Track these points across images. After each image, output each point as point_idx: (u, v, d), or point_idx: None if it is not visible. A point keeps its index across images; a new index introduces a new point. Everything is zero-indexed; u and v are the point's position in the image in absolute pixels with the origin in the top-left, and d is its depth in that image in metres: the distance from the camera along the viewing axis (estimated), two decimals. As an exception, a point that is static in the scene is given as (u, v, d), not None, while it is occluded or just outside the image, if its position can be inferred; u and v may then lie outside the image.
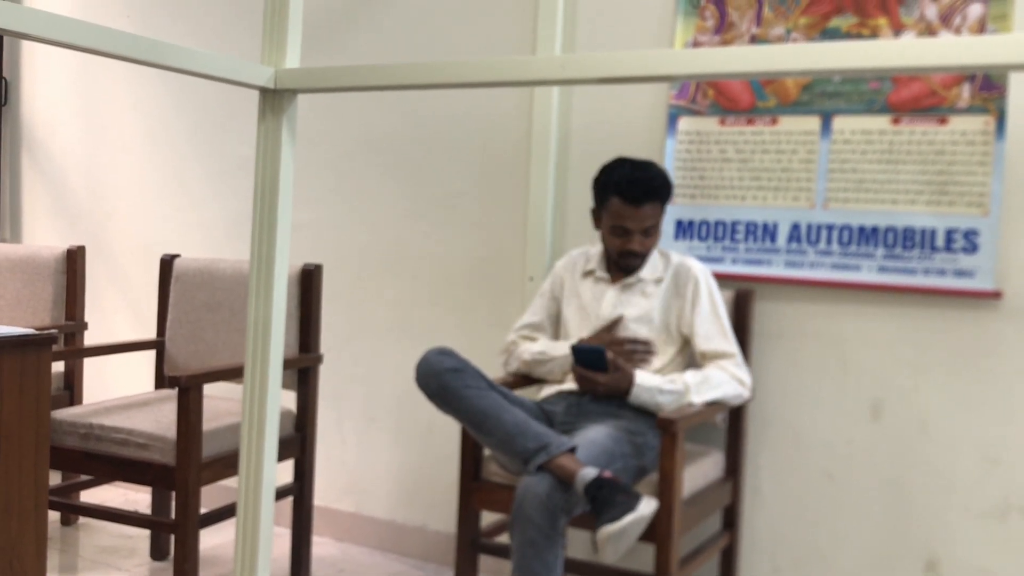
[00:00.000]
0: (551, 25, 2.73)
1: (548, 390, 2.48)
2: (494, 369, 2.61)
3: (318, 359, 2.70)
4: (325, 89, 1.15)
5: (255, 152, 1.20)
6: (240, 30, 3.31)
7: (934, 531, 2.37)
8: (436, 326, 2.99)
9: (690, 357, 2.41)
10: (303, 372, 2.68)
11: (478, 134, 2.92)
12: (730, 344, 2.34)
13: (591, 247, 2.53)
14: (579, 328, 2.44)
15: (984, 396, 2.31)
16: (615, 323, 2.38)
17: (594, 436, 2.15)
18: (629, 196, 2.33)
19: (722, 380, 2.28)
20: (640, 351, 2.35)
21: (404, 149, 3.05)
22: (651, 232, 2.38)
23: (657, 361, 2.37)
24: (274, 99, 1.18)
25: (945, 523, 2.36)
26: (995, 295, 2.27)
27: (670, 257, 2.44)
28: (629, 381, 2.26)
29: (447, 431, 2.94)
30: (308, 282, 2.68)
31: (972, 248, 2.28)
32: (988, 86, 2.25)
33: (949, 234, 2.31)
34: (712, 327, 2.34)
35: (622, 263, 2.41)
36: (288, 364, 2.61)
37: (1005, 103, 2.24)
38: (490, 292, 2.91)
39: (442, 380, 2.19)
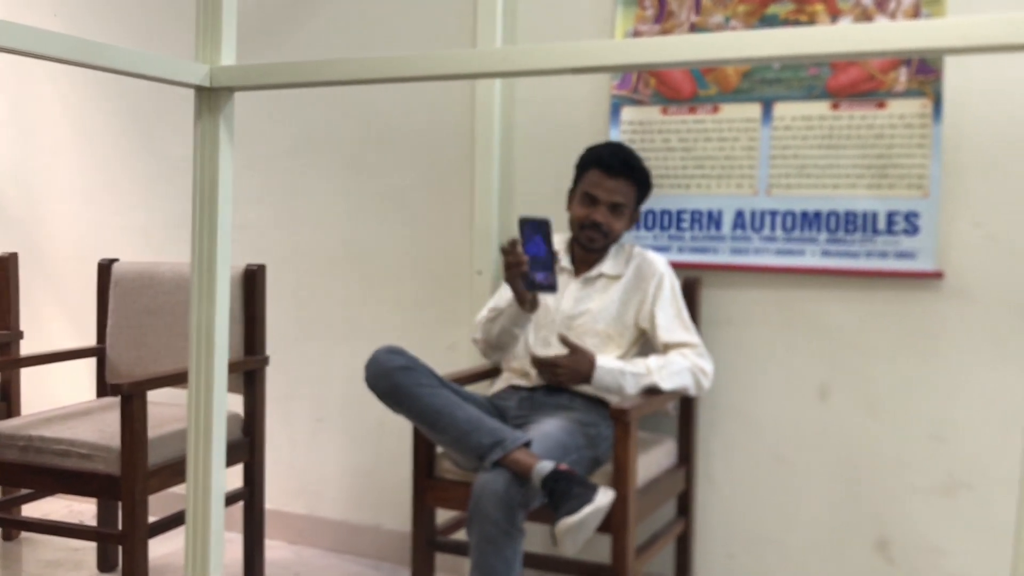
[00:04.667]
0: (491, 18, 2.71)
1: (499, 384, 2.47)
2: (444, 366, 2.59)
3: (264, 361, 2.66)
4: (263, 86, 1.12)
5: (192, 153, 1.16)
6: (174, 27, 3.23)
7: (883, 509, 2.41)
8: (384, 324, 2.96)
9: (645, 350, 2.41)
10: (249, 375, 2.63)
11: (421, 129, 2.89)
12: (692, 335, 2.34)
13: (557, 236, 2.52)
14: (537, 319, 2.42)
15: (928, 375, 2.35)
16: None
17: (548, 429, 2.14)
18: (606, 165, 2.36)
19: (684, 367, 2.28)
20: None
21: (347, 146, 3.01)
22: (618, 211, 2.38)
23: (613, 354, 2.37)
24: (210, 98, 1.15)
25: (894, 501, 2.40)
26: (937, 275, 2.31)
27: (632, 252, 2.44)
28: (590, 363, 2.24)
29: (398, 429, 2.92)
30: (252, 283, 2.63)
31: (913, 230, 2.32)
32: (924, 70, 2.29)
33: (890, 217, 2.34)
34: (674, 319, 2.34)
35: (583, 236, 2.40)
36: (234, 367, 2.56)
37: (941, 86, 2.27)
38: (438, 288, 2.89)
39: (393, 379, 2.16)
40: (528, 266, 2.22)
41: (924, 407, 2.36)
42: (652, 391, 2.25)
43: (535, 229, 2.22)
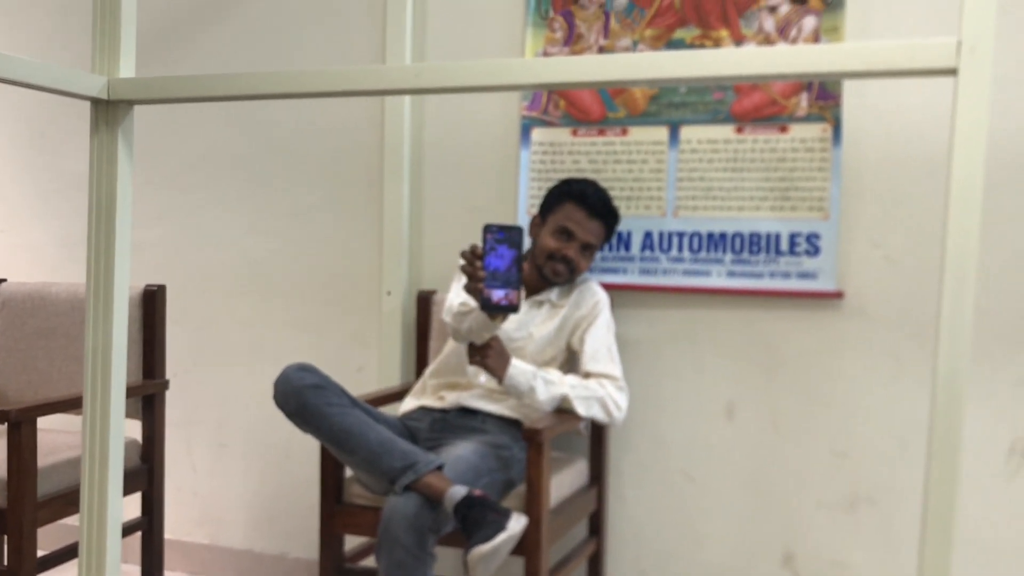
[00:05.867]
0: (400, 36, 2.69)
1: (409, 404, 2.44)
2: (353, 389, 2.55)
3: (164, 385, 2.56)
4: (164, 100, 1.08)
5: (89, 168, 1.11)
6: (69, 37, 3.12)
7: (789, 525, 2.46)
8: (290, 346, 2.89)
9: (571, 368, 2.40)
10: (148, 399, 2.53)
11: (329, 146, 2.85)
12: (615, 368, 2.33)
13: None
14: None
15: (830, 392, 2.41)
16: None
17: (460, 452, 2.11)
18: (589, 205, 2.33)
19: (599, 396, 2.26)
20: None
21: (252, 163, 2.94)
22: (588, 251, 2.37)
23: None
24: (108, 111, 1.10)
25: (799, 517, 2.45)
26: (837, 295, 2.37)
27: (576, 280, 2.43)
28: (507, 359, 2.21)
29: (305, 454, 2.85)
30: (151, 304, 2.53)
31: (814, 251, 2.38)
32: (824, 95, 2.36)
33: (792, 238, 2.40)
34: (601, 349, 2.33)
35: (547, 268, 2.36)
36: (131, 391, 2.46)
37: (840, 111, 2.35)
38: (346, 309, 2.84)
39: (302, 398, 2.11)
40: (486, 281, 2.00)
41: (826, 424, 2.42)
42: (563, 407, 2.24)
43: (501, 238, 1.99)
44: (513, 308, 2.01)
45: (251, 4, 2.92)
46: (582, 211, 2.33)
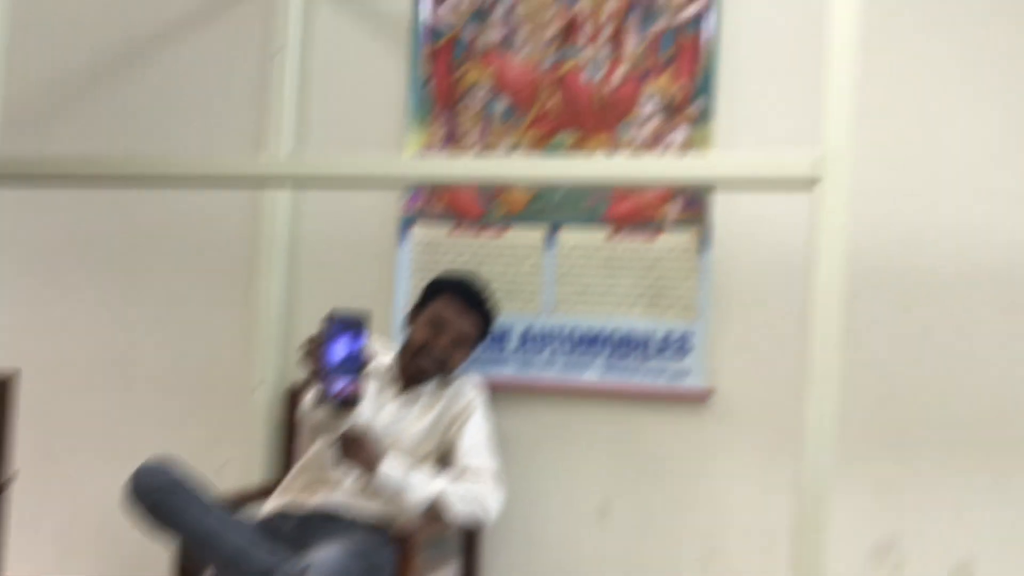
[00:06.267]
0: (280, 129, 2.66)
1: (275, 502, 2.34)
2: (217, 484, 2.43)
3: (9, 481, 2.38)
4: (20, 180, 1.03)
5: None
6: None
7: (661, 628, 2.44)
8: (148, 441, 2.72)
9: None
10: (-11, 499, 2.35)
11: (202, 234, 2.78)
12: (492, 462, 2.28)
13: (388, 355, 2.42)
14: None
15: (701, 490, 2.44)
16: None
17: (325, 556, 2.02)
18: (464, 298, 2.32)
19: (475, 493, 2.19)
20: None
21: (119, 250, 2.83)
22: (459, 346, 2.33)
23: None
24: (-42, 188, 1.04)
25: (670, 619, 2.43)
26: (707, 395, 2.43)
27: (452, 376, 2.39)
28: (378, 456, 2.12)
29: (158, 557, 2.68)
30: (1, 393, 2.37)
31: (685, 351, 2.44)
32: (693, 204, 2.45)
33: (664, 338, 2.45)
34: (478, 443, 2.28)
35: (415, 362, 2.31)
36: (-30, 490, 2.28)
37: (709, 218, 2.44)
38: (212, 402, 2.73)
39: (157, 497, 1.99)
40: (324, 373, 1.93)
41: (697, 522, 2.44)
42: (436, 506, 2.17)
43: (344, 327, 1.93)
44: (354, 400, 1.95)
45: (129, 87, 2.87)
46: (456, 304, 2.32)
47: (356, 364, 1.94)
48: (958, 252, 2.32)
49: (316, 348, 1.96)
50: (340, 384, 1.94)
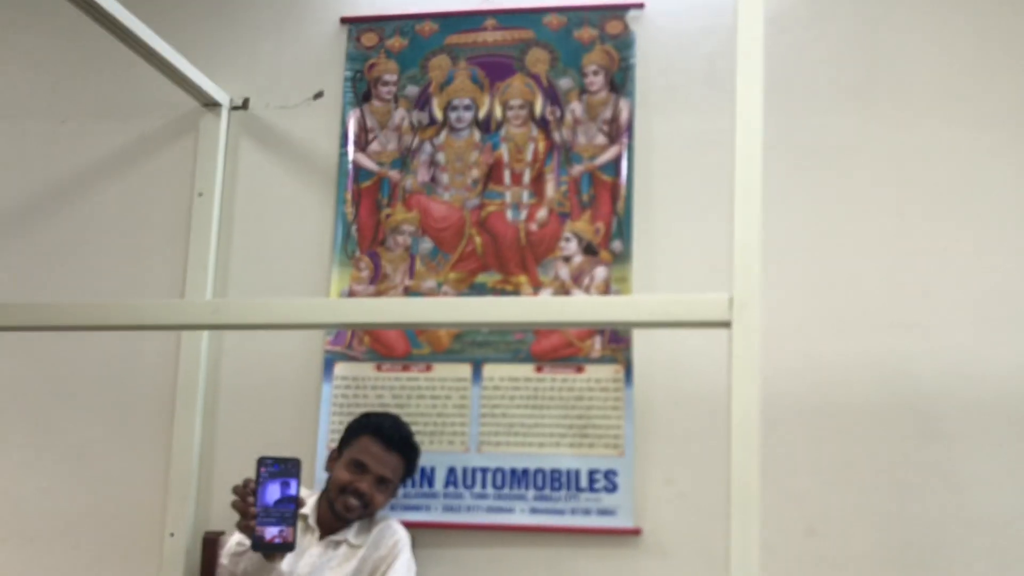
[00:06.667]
0: (202, 272, 2.65)
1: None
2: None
3: None
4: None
5: None
6: None
7: None
8: (56, 597, 2.59)
9: None
10: None
11: (115, 379, 2.70)
12: None
13: (305, 490, 2.35)
14: None
15: (632, 633, 2.39)
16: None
17: None
18: (385, 437, 2.28)
19: None
20: None
21: (25, 395, 2.74)
22: (384, 485, 2.28)
23: None
24: None
25: None
26: (635, 532, 2.41)
27: (375, 518, 2.34)
28: None
29: None
30: None
31: (612, 487, 2.43)
32: (616, 339, 2.50)
33: (591, 474, 2.45)
34: None
35: (338, 503, 2.25)
36: None
37: (631, 353, 2.48)
38: (123, 553, 2.60)
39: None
40: (258, 518, 1.91)
41: (630, 667, 2.38)
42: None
43: (276, 471, 1.93)
44: (288, 547, 1.93)
45: (46, 231, 2.83)
46: (379, 444, 2.29)
47: (289, 509, 1.93)
48: (875, 382, 2.40)
49: (249, 493, 1.93)
50: (274, 530, 1.92)
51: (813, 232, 2.48)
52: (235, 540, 2.10)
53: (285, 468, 1.94)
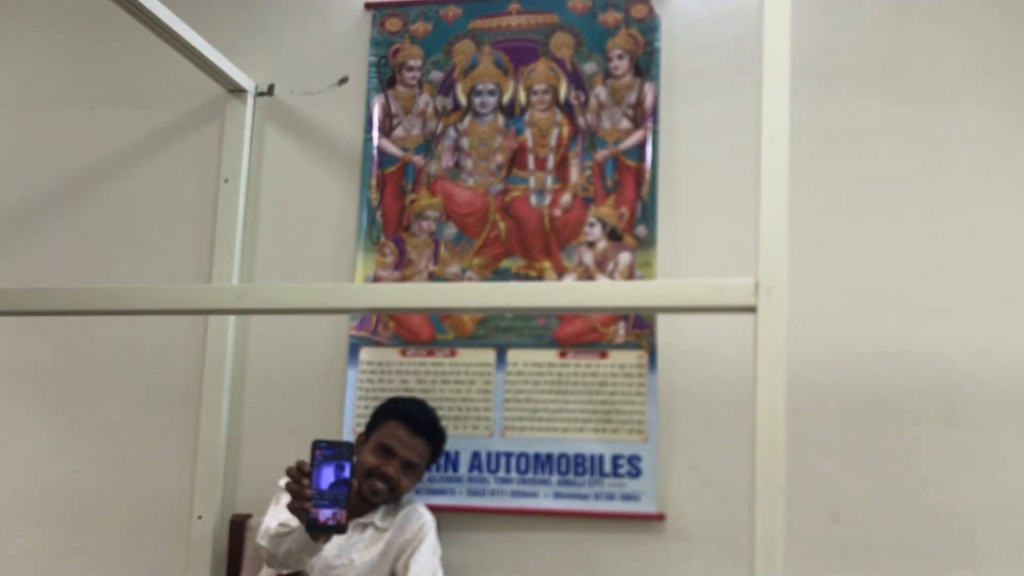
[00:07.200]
0: (229, 258, 2.67)
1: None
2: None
3: (-69, 627, 2.26)
4: (-34, 312, 1.02)
5: None
6: None
7: None
8: (86, 578, 2.63)
9: None
10: (-91, 645, 2.22)
11: (145, 363, 2.74)
12: None
13: None
14: None
15: (656, 618, 2.40)
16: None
17: None
18: (412, 422, 2.29)
19: None
20: None
21: (56, 379, 2.77)
22: (410, 469, 2.29)
23: None
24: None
25: None
26: (659, 517, 2.41)
27: (401, 502, 2.36)
28: None
29: None
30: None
31: (636, 473, 2.43)
32: (640, 324, 2.50)
33: (615, 460, 2.45)
34: (425, 575, 2.24)
35: (365, 487, 2.25)
36: None
37: (655, 339, 2.48)
38: (151, 535, 2.64)
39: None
40: (313, 500, 1.94)
41: (654, 651, 2.38)
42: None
43: (331, 454, 1.93)
44: (341, 529, 1.94)
45: (75, 217, 2.86)
46: (405, 429, 2.31)
47: (343, 492, 1.94)
48: (901, 369, 2.38)
49: (304, 475, 1.94)
50: (328, 512, 1.93)
51: (839, 217, 2.46)
52: (277, 522, 2.11)
53: (339, 451, 1.95)
